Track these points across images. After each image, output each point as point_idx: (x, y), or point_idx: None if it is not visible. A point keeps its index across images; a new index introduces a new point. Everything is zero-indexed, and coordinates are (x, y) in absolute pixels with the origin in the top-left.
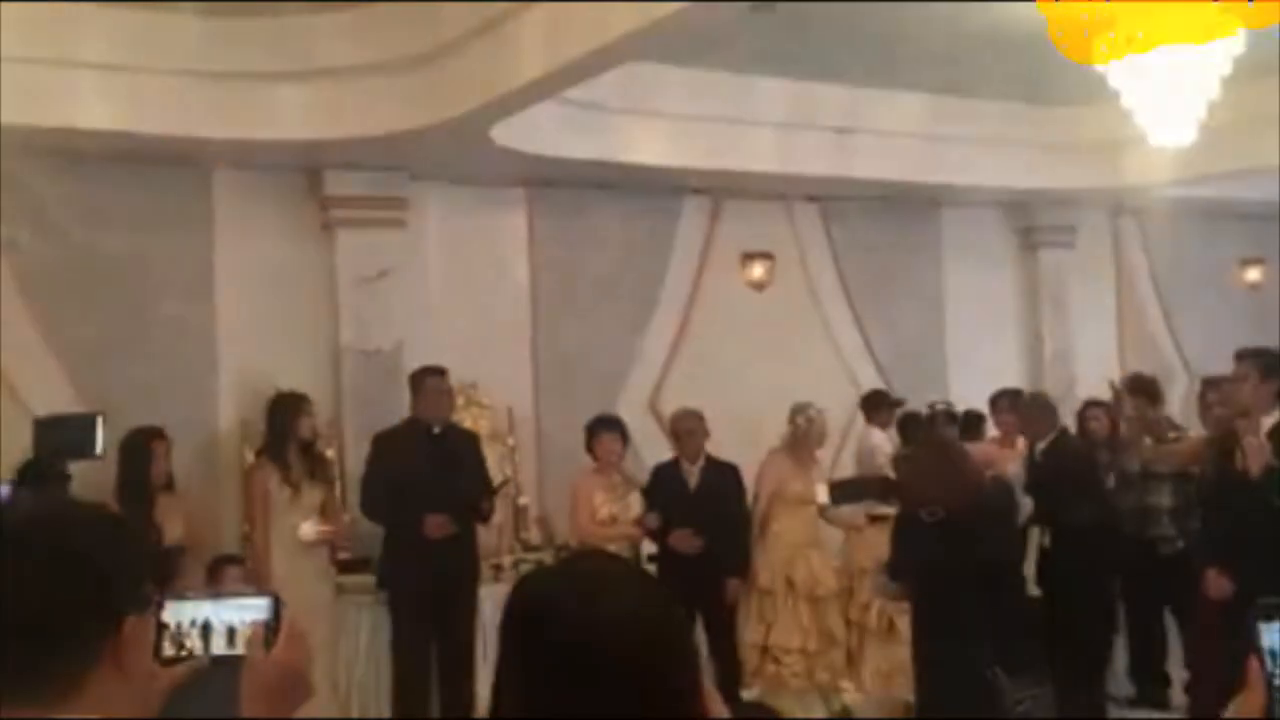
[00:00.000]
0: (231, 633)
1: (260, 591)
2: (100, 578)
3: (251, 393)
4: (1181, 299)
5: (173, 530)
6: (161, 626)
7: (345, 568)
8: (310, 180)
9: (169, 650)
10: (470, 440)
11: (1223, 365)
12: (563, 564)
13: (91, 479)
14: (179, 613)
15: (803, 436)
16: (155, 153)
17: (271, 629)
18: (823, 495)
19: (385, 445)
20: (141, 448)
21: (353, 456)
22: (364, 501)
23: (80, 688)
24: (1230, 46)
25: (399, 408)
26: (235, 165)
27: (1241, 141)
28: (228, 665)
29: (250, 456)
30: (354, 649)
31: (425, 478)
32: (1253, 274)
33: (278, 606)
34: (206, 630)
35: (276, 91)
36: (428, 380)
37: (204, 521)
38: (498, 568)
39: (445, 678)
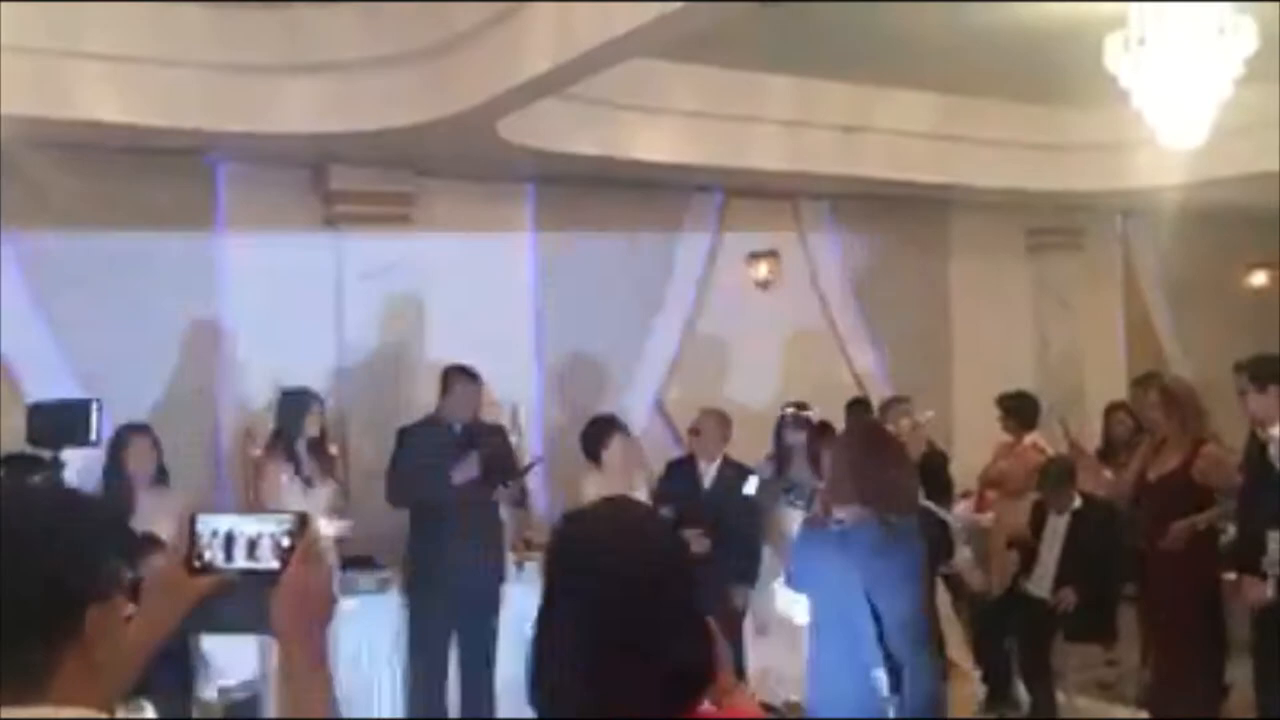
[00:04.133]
0: (253, 545)
1: (286, 511)
2: (52, 571)
3: (254, 388)
4: (1188, 303)
5: (163, 527)
6: (193, 539)
7: (346, 565)
8: (315, 175)
9: (195, 562)
10: (495, 433)
11: (1227, 370)
12: (595, 507)
13: (94, 469)
14: (203, 525)
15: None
16: (160, 145)
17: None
18: (750, 488)
19: (410, 438)
20: (122, 442)
21: (356, 452)
22: (390, 489)
23: (41, 683)
24: (1243, 48)
25: (403, 404)
26: (240, 159)
27: (1251, 144)
28: (254, 576)
29: (254, 451)
30: (356, 647)
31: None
32: (1259, 278)
33: (303, 523)
34: (230, 542)
35: (282, 85)
36: (460, 383)
37: None
38: None
39: (467, 674)
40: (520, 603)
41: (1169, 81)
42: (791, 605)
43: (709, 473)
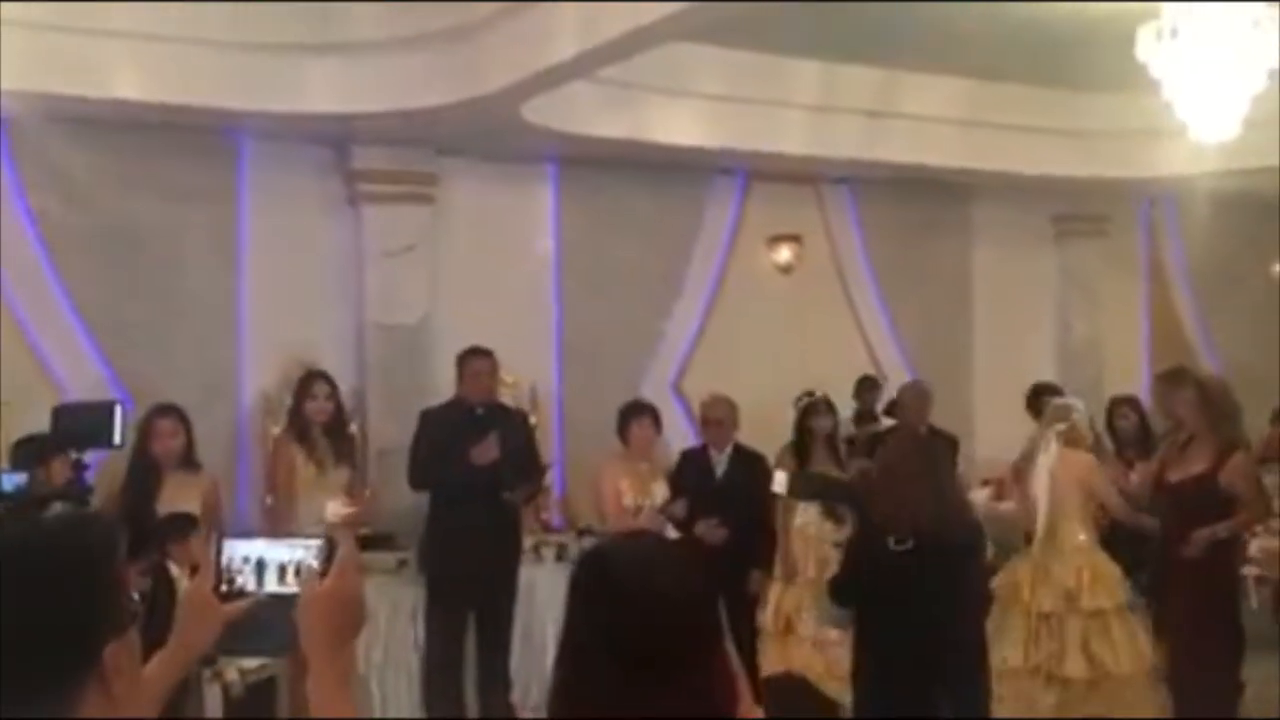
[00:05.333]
0: (284, 570)
1: (315, 535)
2: (68, 616)
3: (275, 366)
4: (1213, 293)
5: (185, 506)
6: (220, 564)
7: (365, 544)
8: (338, 154)
9: (223, 586)
10: (516, 419)
11: (1252, 360)
12: (619, 542)
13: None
14: (232, 550)
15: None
16: (184, 123)
17: (324, 570)
18: (780, 485)
19: (432, 420)
20: (146, 426)
21: (376, 431)
22: (411, 472)
23: None
24: (1278, 41)
25: (423, 383)
26: (264, 137)
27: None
28: (284, 600)
29: (274, 430)
30: (375, 630)
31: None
32: None
33: (331, 548)
34: (261, 567)
35: (307, 65)
36: (470, 362)
37: (225, 498)
38: None
39: (483, 658)
40: (536, 588)
41: (1201, 74)
42: None
43: (721, 461)
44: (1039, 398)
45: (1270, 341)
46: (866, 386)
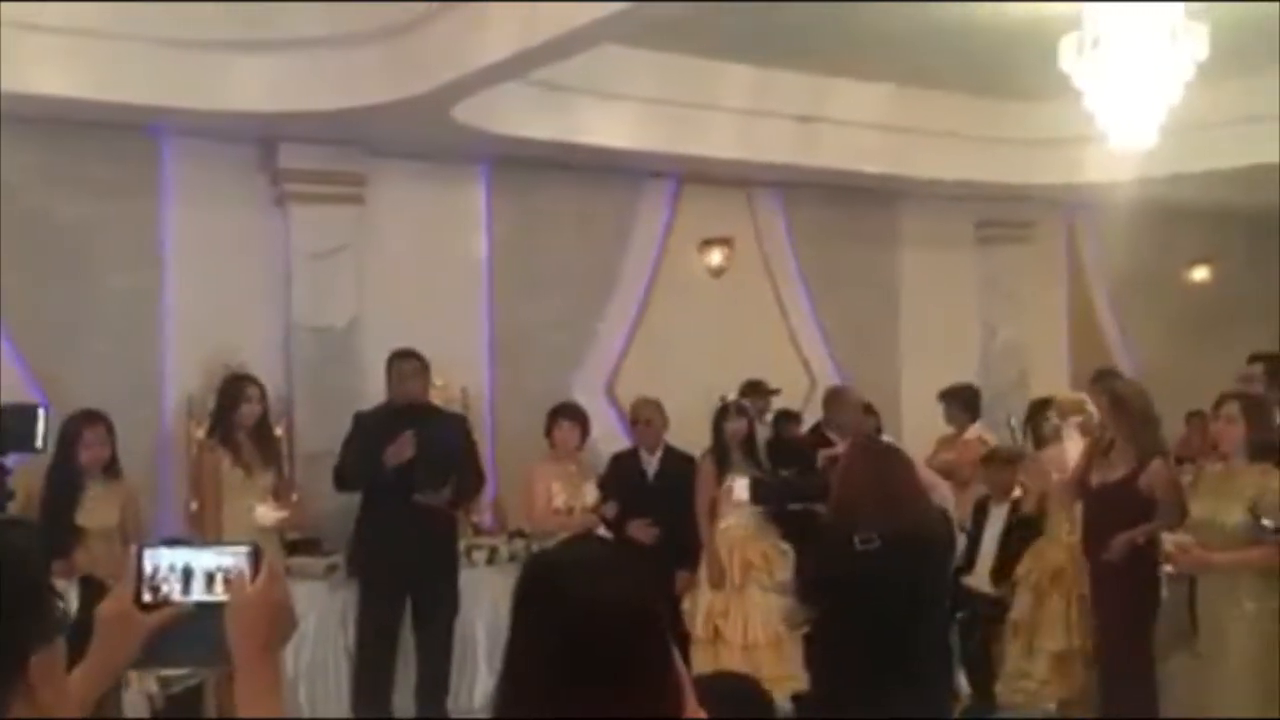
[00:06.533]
0: (211, 578)
1: (240, 540)
2: None
3: (199, 369)
4: (1131, 297)
5: (106, 516)
6: (140, 574)
7: (293, 549)
8: (264, 152)
9: (146, 596)
10: (454, 424)
11: (1167, 362)
12: (566, 548)
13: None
14: (156, 558)
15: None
16: (107, 120)
17: (253, 575)
18: (742, 491)
19: (362, 422)
20: (73, 434)
21: (303, 435)
22: (335, 473)
23: None
24: (1195, 52)
25: (352, 387)
26: (189, 134)
27: (1195, 144)
28: (211, 609)
29: (198, 434)
30: (303, 634)
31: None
32: (1201, 273)
33: (258, 554)
34: (188, 576)
35: (236, 62)
36: (395, 364)
37: (148, 504)
38: None
39: (420, 661)
40: (467, 591)
41: (1122, 84)
42: None
43: (652, 463)
44: (953, 399)
45: (1185, 344)
46: (756, 391)
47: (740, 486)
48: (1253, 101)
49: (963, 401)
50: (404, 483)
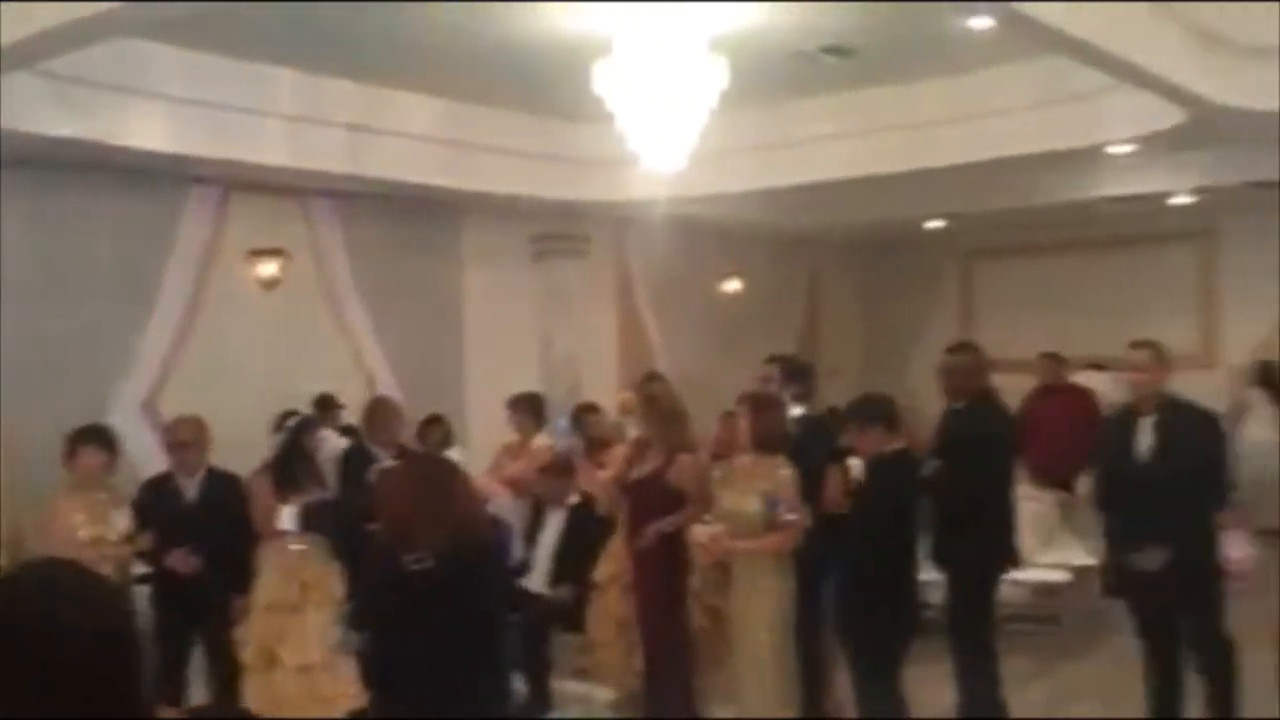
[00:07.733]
0: None
1: None
2: None
3: None
4: (669, 307)
5: None
6: None
7: None
8: None
9: None
10: None
11: (699, 366)
12: (21, 572)
13: None
14: None
15: None
16: None
17: None
18: (289, 521)
19: None
20: None
21: None
22: None
23: None
24: (716, 83)
25: None
26: None
27: (724, 167)
28: None
29: None
30: None
31: None
32: (732, 285)
33: None
34: None
35: None
36: None
37: None
38: None
39: None
40: None
41: (649, 109)
42: None
43: (191, 486)
44: (520, 407)
45: (719, 349)
46: (326, 406)
47: (288, 515)
48: (771, 130)
49: (530, 409)
50: None
